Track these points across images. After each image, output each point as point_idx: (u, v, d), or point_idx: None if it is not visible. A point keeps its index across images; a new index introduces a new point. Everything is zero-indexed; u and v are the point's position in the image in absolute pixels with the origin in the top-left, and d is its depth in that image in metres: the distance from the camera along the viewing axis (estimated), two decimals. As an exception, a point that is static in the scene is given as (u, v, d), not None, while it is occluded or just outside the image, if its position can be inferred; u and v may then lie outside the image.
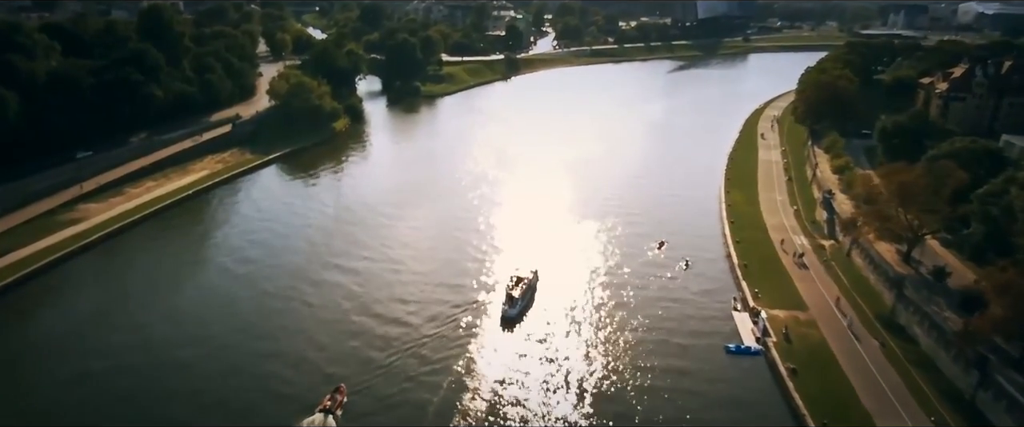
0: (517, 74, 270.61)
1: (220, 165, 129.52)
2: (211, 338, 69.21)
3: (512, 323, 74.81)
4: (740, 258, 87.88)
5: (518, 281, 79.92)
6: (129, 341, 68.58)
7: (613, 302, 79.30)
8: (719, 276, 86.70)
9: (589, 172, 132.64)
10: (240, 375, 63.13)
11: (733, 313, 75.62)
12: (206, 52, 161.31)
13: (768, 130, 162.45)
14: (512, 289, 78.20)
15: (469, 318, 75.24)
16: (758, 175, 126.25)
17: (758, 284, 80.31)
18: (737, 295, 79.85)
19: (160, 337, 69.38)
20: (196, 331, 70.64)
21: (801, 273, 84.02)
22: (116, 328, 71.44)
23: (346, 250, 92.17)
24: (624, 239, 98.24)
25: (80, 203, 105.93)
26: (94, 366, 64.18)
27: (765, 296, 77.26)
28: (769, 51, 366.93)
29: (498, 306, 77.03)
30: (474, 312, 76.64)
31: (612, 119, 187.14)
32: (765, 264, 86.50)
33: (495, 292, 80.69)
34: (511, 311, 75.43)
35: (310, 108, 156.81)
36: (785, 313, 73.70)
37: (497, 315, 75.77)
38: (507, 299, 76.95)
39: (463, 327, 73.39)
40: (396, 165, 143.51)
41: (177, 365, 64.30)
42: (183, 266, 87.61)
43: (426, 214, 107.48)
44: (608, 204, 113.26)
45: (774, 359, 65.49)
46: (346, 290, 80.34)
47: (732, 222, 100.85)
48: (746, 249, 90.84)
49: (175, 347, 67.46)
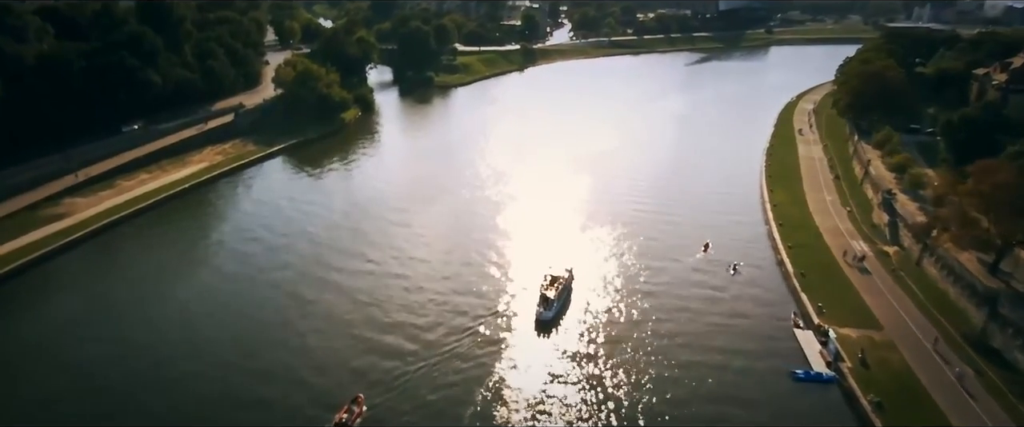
0: (533, 65, 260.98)
1: (220, 157, 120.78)
2: (202, 353, 60.26)
3: (548, 327, 66.96)
4: (795, 266, 78.08)
5: (553, 280, 72.07)
6: (107, 354, 60.06)
7: (657, 311, 70.25)
8: (772, 285, 77.03)
9: (615, 167, 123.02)
10: (235, 394, 54.52)
11: (795, 331, 65.92)
12: (209, 38, 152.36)
13: (805, 124, 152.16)
14: (546, 289, 70.42)
15: (498, 322, 67.46)
16: (801, 172, 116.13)
17: (820, 297, 70.50)
18: (796, 310, 70.16)
19: (143, 351, 60.47)
20: (185, 345, 61.72)
21: (866, 284, 74.10)
22: (93, 339, 62.70)
23: (357, 250, 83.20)
24: (660, 240, 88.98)
25: (66, 197, 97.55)
26: (64, 385, 55.59)
27: (830, 311, 67.48)
28: (792, 44, 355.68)
29: (526, 311, 69.17)
30: (502, 317, 68.64)
31: (636, 112, 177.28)
32: (824, 273, 76.65)
33: (519, 297, 72.45)
34: (546, 313, 67.62)
35: (317, 97, 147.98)
36: (857, 332, 63.95)
37: (527, 320, 67.86)
38: (541, 300, 69.17)
39: (491, 333, 65.48)
40: (409, 158, 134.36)
41: (161, 385, 55.53)
42: (173, 269, 78.63)
43: (441, 211, 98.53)
44: (638, 201, 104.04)
45: (852, 388, 55.88)
46: (356, 295, 71.35)
47: (780, 225, 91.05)
48: (801, 256, 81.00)
49: (160, 363, 58.56)
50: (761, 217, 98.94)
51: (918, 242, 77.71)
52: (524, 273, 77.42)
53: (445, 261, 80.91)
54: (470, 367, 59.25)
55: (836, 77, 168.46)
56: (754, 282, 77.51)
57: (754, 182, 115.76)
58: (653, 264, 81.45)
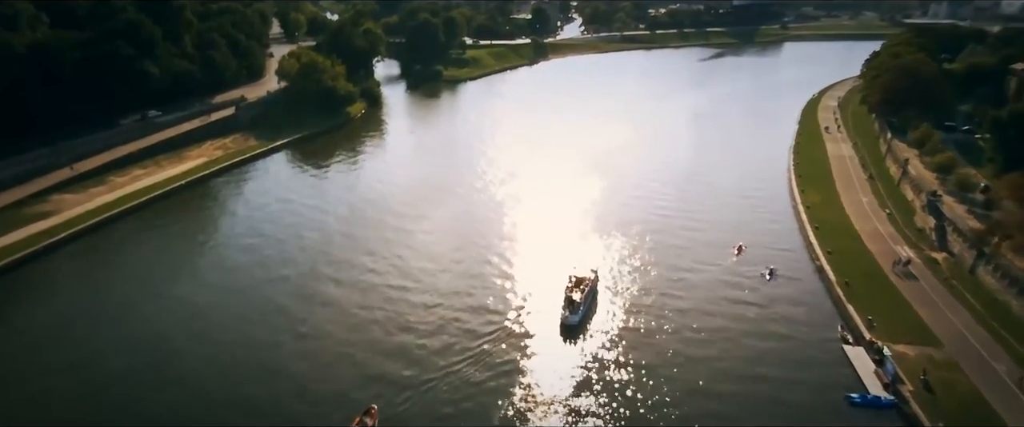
0: (544, 59, 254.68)
1: (219, 152, 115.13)
2: (183, 382, 53.35)
3: (574, 332, 61.91)
4: (837, 274, 71.69)
5: (578, 282, 66.85)
6: (66, 387, 52.29)
7: (692, 317, 64.74)
8: (813, 294, 70.60)
9: (632, 165, 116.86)
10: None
11: (844, 348, 59.63)
12: (210, 28, 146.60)
13: (831, 122, 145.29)
14: (572, 291, 65.26)
15: (517, 329, 62.23)
16: (832, 172, 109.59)
17: (868, 308, 64.13)
18: (843, 323, 63.84)
19: (113, 381, 53.09)
20: (162, 373, 54.41)
21: (917, 294, 67.60)
22: (66, 354, 56.75)
23: (360, 257, 77.17)
24: (686, 242, 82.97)
25: (55, 193, 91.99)
26: (23, 416, 49.29)
27: (882, 325, 61.12)
28: (808, 40, 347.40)
29: (548, 317, 63.69)
30: (521, 324, 63.20)
31: (652, 108, 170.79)
32: (870, 282, 70.21)
33: (539, 302, 66.83)
34: (572, 317, 62.50)
35: (322, 90, 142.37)
36: (914, 350, 57.63)
37: (550, 326, 62.62)
38: (566, 303, 63.94)
39: (511, 341, 60.19)
40: (416, 155, 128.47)
41: (131, 422, 48.74)
42: (158, 280, 71.37)
43: (449, 212, 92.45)
44: (658, 200, 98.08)
45: (915, 415, 49.68)
46: (360, 306, 65.43)
47: (816, 228, 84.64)
48: (842, 262, 74.54)
49: (131, 399, 50.99)
50: (793, 219, 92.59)
51: (973, 249, 71.25)
52: (541, 277, 71.70)
53: (454, 267, 74.66)
54: (491, 377, 54.17)
55: (862, 72, 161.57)
56: (793, 290, 71.15)
57: (782, 181, 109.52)
58: (682, 267, 75.79)
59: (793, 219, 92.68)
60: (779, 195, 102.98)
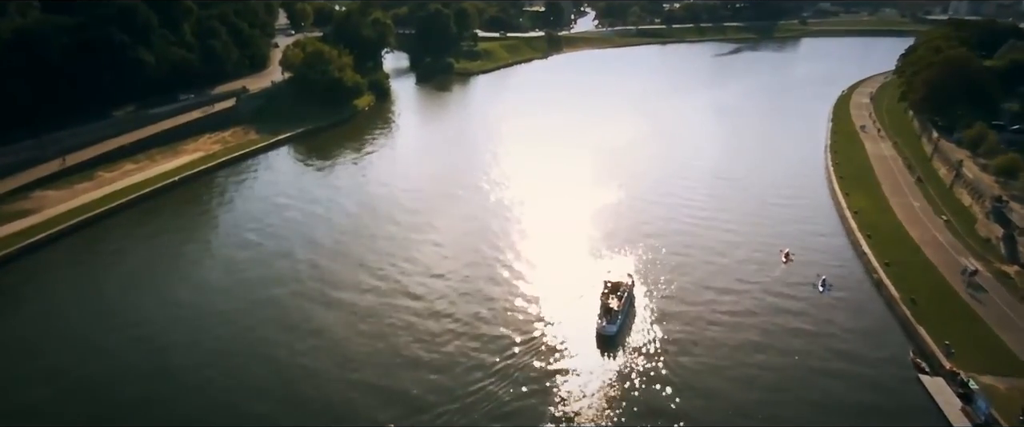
0: (558, 53, 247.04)
1: (218, 146, 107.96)
2: (168, 408, 46.73)
3: (612, 344, 55.83)
4: (899, 289, 63.87)
5: (614, 288, 60.56)
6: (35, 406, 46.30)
7: (741, 333, 58.07)
8: (872, 310, 62.95)
9: (658, 165, 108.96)
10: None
11: (920, 378, 51.91)
12: (211, 16, 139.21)
13: (867, 120, 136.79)
14: (608, 298, 58.98)
15: (547, 343, 55.95)
16: (876, 174, 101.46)
17: (942, 331, 56.32)
18: (915, 348, 56.07)
19: (83, 406, 46.60)
20: (145, 394, 48.00)
21: (995, 315, 59.60)
22: (24, 381, 49.66)
23: (365, 263, 69.91)
24: (723, 247, 75.88)
25: (38, 189, 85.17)
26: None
27: (962, 352, 53.28)
28: (827, 35, 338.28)
29: (577, 330, 57.36)
30: (549, 337, 56.77)
31: (674, 104, 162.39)
32: (938, 299, 62.30)
33: (568, 313, 60.48)
34: (610, 327, 56.38)
35: (328, 82, 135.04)
36: (1004, 383, 49.86)
37: (584, 337, 56.32)
38: (603, 311, 57.82)
39: (541, 356, 53.91)
40: (425, 151, 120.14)
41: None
42: (145, 285, 64.47)
43: (461, 214, 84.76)
44: (689, 203, 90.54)
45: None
46: (361, 324, 58.11)
47: (868, 236, 76.72)
48: (904, 276, 66.68)
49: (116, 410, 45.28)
50: (839, 226, 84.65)
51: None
52: (566, 284, 65.59)
53: (468, 275, 67.32)
54: (519, 398, 47.94)
55: (898, 68, 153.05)
56: (850, 305, 63.51)
57: (820, 183, 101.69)
58: (726, 274, 69.17)
59: (839, 225, 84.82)
60: (820, 198, 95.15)
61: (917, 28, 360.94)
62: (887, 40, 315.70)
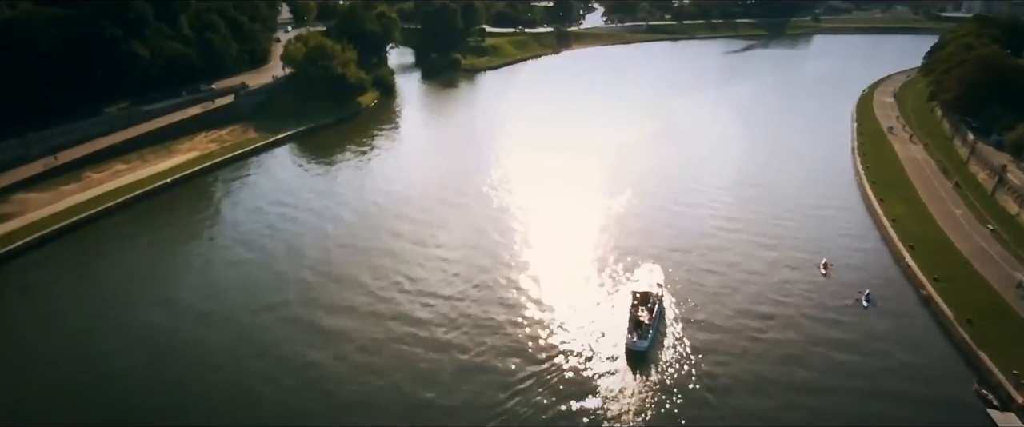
0: (568, 49, 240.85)
1: (214, 145, 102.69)
2: None
3: (644, 361, 51.34)
4: (953, 308, 58.36)
5: (643, 299, 55.79)
6: None
7: (783, 349, 53.77)
8: (923, 331, 57.68)
9: (677, 168, 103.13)
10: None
11: (990, 414, 46.44)
12: (210, 8, 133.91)
13: (893, 121, 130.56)
14: (638, 310, 54.38)
15: (571, 362, 51.35)
16: (909, 178, 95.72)
17: (1008, 358, 50.66)
18: (978, 378, 50.54)
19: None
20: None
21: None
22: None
23: (366, 281, 64.43)
24: (755, 258, 70.46)
25: (20, 191, 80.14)
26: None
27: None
28: (840, 33, 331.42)
29: (603, 345, 53.18)
30: (574, 353, 52.58)
31: (689, 103, 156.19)
32: (999, 321, 56.58)
33: (587, 330, 55.80)
34: (640, 342, 52.02)
35: (331, 78, 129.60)
36: (1086, 421, 44.42)
37: (609, 358, 51.57)
38: (632, 325, 53.70)
39: (568, 373, 50.07)
40: (432, 152, 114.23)
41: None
42: (120, 304, 58.28)
43: (469, 222, 79.14)
44: (714, 208, 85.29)
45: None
46: (367, 357, 52.74)
47: (911, 247, 71.12)
48: (954, 292, 61.16)
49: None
50: (876, 234, 79.05)
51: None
52: (587, 296, 61.65)
53: (480, 286, 62.02)
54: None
55: (924, 66, 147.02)
56: (897, 325, 58.24)
57: (851, 188, 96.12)
58: (758, 286, 64.39)
59: (875, 234, 79.23)
60: (852, 203, 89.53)
61: (932, 25, 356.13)
62: (901, 38, 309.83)
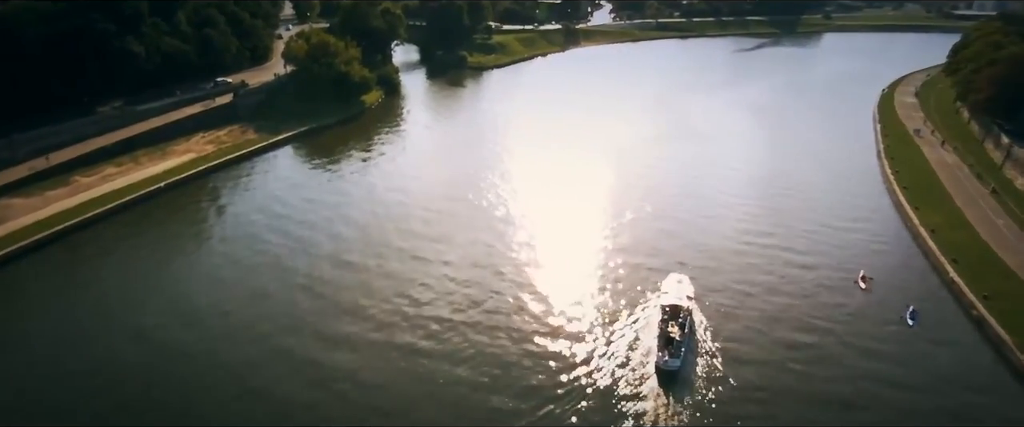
0: (576, 46, 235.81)
1: (211, 147, 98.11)
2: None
3: (676, 381, 47.21)
4: (1008, 330, 53.47)
5: (673, 313, 51.71)
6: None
7: (830, 371, 49.70)
8: (980, 359, 52.68)
9: (697, 171, 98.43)
10: None
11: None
12: (208, 3, 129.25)
13: (919, 123, 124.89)
14: (668, 325, 50.41)
15: (598, 383, 47.46)
16: (943, 184, 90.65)
17: (1078, 390, 46.10)
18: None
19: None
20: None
21: None
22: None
23: (365, 306, 59.57)
24: (787, 269, 66.06)
25: (3, 196, 75.73)
26: None
27: (1111, 421, 43.11)
28: (852, 31, 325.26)
29: (631, 365, 49.14)
30: (598, 375, 48.28)
31: (705, 103, 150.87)
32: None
33: (609, 349, 51.70)
34: (673, 361, 47.84)
35: (335, 76, 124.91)
36: None
37: (637, 379, 47.39)
38: (662, 341, 49.68)
39: (593, 398, 45.76)
40: (438, 154, 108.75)
41: None
42: (91, 331, 52.77)
43: (478, 232, 74.33)
44: (741, 217, 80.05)
45: None
46: (370, 397, 47.99)
47: (954, 261, 66.17)
48: (1007, 311, 56.06)
49: None
50: (913, 245, 74.17)
51: None
52: (610, 309, 57.65)
53: (488, 325, 55.37)
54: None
55: (949, 65, 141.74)
56: (950, 350, 53.42)
57: (880, 194, 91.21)
58: (792, 299, 60.30)
59: (912, 244, 74.36)
60: (883, 211, 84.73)
61: (944, 23, 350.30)
62: (913, 36, 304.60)
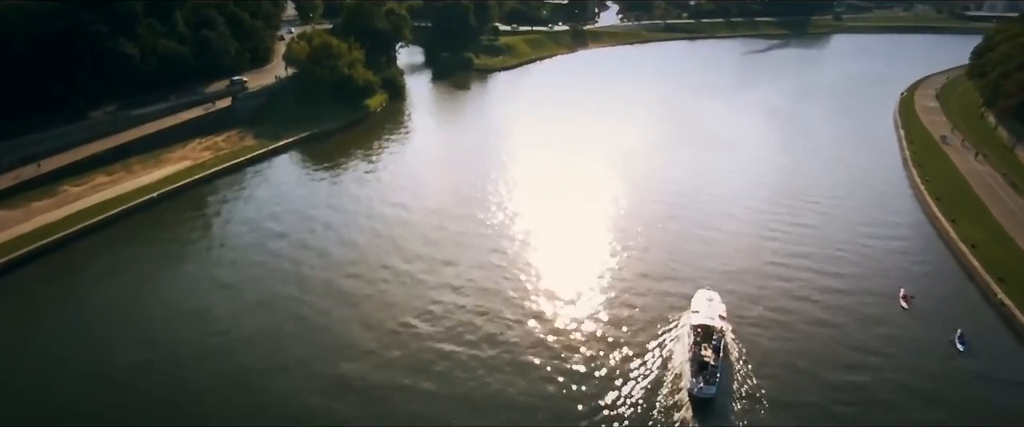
0: (584, 48, 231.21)
1: (208, 154, 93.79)
2: None
3: (711, 410, 43.39)
4: (1072, 362, 49.03)
5: (706, 334, 47.59)
6: None
7: (871, 398, 46.00)
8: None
9: (719, 181, 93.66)
10: None
11: None
12: (208, 3, 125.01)
13: (946, 128, 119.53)
14: (700, 348, 47.40)
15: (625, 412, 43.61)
16: (978, 195, 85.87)
17: None
18: None
19: None
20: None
21: None
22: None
23: (365, 338, 54.48)
24: (822, 288, 61.86)
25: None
26: None
27: None
28: (862, 32, 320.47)
29: (660, 392, 45.46)
30: (625, 405, 44.34)
31: (720, 107, 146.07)
32: None
33: (635, 374, 47.90)
34: (708, 388, 43.86)
35: (337, 79, 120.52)
36: None
37: (668, 409, 43.81)
38: (695, 366, 45.59)
39: None
40: (443, 163, 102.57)
41: None
42: (55, 371, 47.17)
43: (483, 256, 69.01)
44: (767, 229, 75.79)
45: None
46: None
47: (1000, 280, 61.54)
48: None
49: None
50: (951, 260, 69.78)
51: None
52: (634, 329, 53.76)
53: (503, 360, 49.88)
54: None
55: (974, 69, 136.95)
56: (1008, 384, 48.59)
57: (910, 205, 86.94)
58: (830, 319, 56.48)
59: (951, 260, 69.87)
60: (915, 224, 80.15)
61: (956, 25, 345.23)
62: (924, 37, 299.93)
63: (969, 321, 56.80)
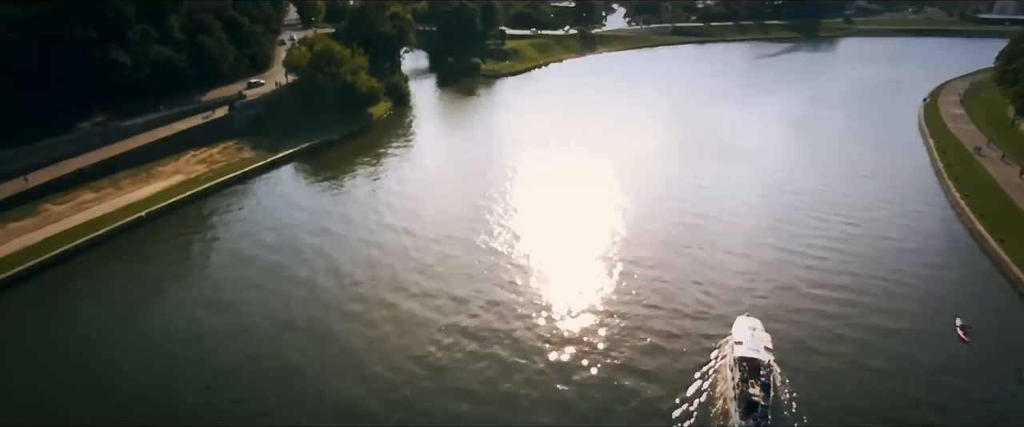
0: (592, 52, 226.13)
1: (203, 167, 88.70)
2: None
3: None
4: None
5: (752, 369, 44.22)
6: None
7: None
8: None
9: (747, 198, 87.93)
10: None
11: None
12: (205, 8, 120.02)
13: (979, 138, 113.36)
14: (750, 384, 42.91)
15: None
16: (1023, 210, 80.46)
17: None
18: None
19: None
20: None
21: None
22: None
23: (363, 386, 49.73)
24: (870, 320, 56.61)
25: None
26: None
27: None
28: (874, 35, 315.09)
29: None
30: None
31: (738, 115, 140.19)
32: None
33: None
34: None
35: (339, 86, 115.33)
36: None
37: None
38: (744, 405, 41.26)
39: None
40: (449, 176, 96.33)
41: None
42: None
43: (493, 286, 64.16)
44: (802, 251, 70.24)
45: None
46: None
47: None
48: None
49: None
50: (1002, 283, 64.62)
51: None
52: (667, 363, 48.44)
53: (519, 405, 45.13)
54: None
55: (1002, 74, 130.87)
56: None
57: (949, 221, 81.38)
58: (883, 354, 51.35)
59: (1002, 283, 64.70)
60: (959, 244, 74.51)
61: (967, 28, 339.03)
62: (936, 40, 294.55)
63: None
